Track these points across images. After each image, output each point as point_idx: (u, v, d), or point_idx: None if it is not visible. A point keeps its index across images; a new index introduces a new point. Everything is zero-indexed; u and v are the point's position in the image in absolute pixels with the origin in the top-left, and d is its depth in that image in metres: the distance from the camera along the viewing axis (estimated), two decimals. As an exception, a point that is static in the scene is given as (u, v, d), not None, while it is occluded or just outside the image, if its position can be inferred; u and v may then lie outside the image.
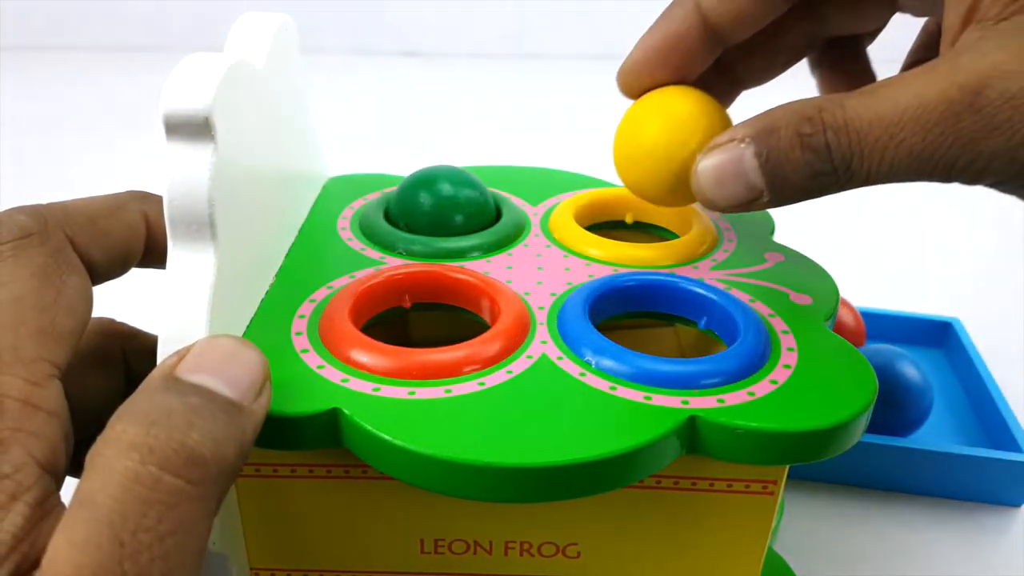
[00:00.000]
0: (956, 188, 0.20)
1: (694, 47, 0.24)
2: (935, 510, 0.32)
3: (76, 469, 0.18)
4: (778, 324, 0.22)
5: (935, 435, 0.35)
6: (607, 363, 0.20)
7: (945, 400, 0.37)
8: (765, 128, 0.20)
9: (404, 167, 0.29)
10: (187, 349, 0.17)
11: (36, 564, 0.15)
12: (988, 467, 0.31)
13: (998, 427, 0.33)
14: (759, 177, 0.20)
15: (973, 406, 0.36)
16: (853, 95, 0.20)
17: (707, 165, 0.21)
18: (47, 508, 0.16)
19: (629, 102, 0.25)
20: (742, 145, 0.21)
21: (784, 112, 0.20)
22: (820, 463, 0.32)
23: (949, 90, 0.18)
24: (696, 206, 0.28)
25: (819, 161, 0.20)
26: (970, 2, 0.20)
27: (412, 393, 0.19)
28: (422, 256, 0.25)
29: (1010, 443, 0.32)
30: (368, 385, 0.19)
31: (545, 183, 0.30)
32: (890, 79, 0.20)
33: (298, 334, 0.21)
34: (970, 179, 0.19)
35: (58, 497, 0.16)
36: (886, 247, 0.52)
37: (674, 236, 0.27)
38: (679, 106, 0.24)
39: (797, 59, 0.27)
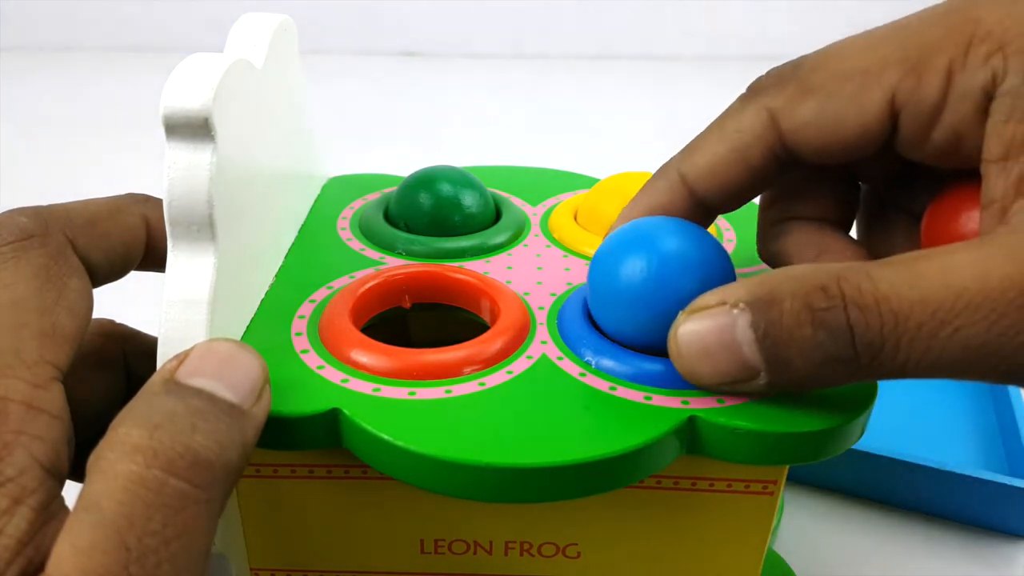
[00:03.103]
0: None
1: (681, 215, 0.21)
2: (939, 529, 0.31)
3: (76, 473, 0.18)
4: (778, 324, 0.22)
5: (957, 457, 0.34)
6: (607, 363, 0.20)
7: (977, 425, 0.36)
8: (765, 296, 0.17)
9: (404, 167, 0.29)
10: (186, 353, 0.17)
11: (41, 568, 0.15)
12: (994, 492, 0.31)
13: (1019, 455, 0.33)
14: (755, 354, 0.17)
15: (1002, 433, 0.35)
16: (880, 265, 0.16)
17: (690, 330, 0.18)
18: (51, 512, 0.16)
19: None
20: (735, 311, 0.17)
21: (789, 278, 0.17)
22: (826, 471, 0.33)
23: (1017, 275, 0.15)
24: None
25: (835, 344, 0.16)
26: (1019, 172, 0.17)
27: (412, 393, 0.19)
28: (422, 256, 0.25)
29: None
30: (368, 385, 0.19)
31: (545, 183, 0.30)
32: (918, 254, 0.16)
33: (298, 334, 0.21)
34: None
35: (62, 500, 0.16)
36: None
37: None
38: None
39: (765, 187, 0.22)
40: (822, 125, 0.19)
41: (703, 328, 0.17)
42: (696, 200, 0.21)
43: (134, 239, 0.21)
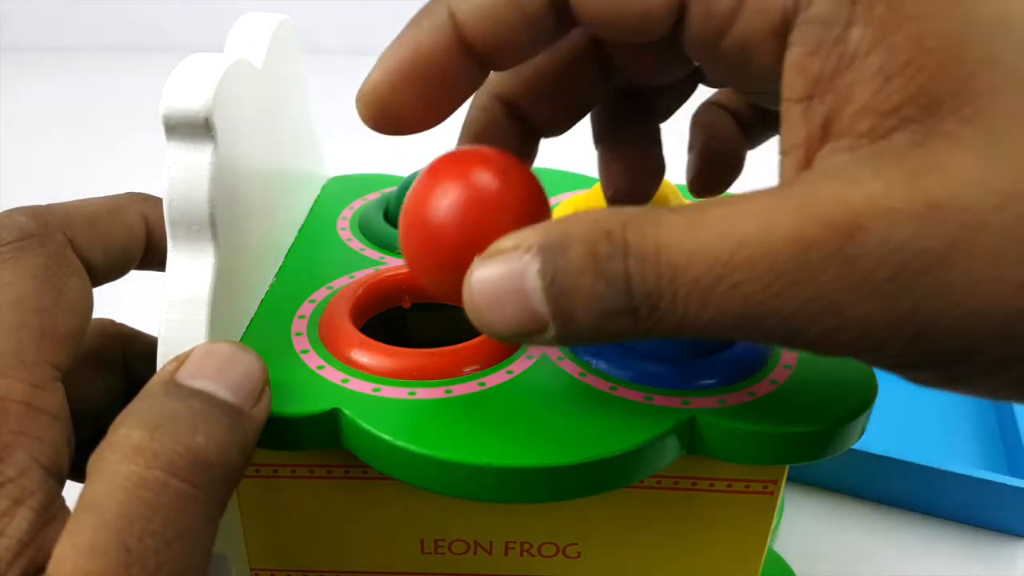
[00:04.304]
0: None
1: (450, 65, 0.17)
2: (939, 529, 0.31)
3: (76, 473, 0.18)
4: (778, 324, 0.22)
5: (957, 457, 0.34)
6: (607, 363, 0.20)
7: (977, 425, 0.36)
8: (557, 241, 0.15)
9: (404, 167, 0.29)
10: (186, 354, 0.17)
11: (42, 569, 0.15)
12: (995, 492, 0.31)
13: (1019, 455, 0.33)
14: (543, 304, 0.15)
15: (1002, 433, 0.35)
16: (671, 210, 0.15)
17: (482, 277, 0.16)
18: (52, 512, 0.16)
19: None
20: (526, 256, 0.15)
21: (581, 221, 0.15)
22: (826, 471, 0.32)
23: (808, 226, 0.13)
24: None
25: (614, 296, 0.14)
26: (826, 111, 0.14)
27: (412, 393, 0.19)
28: (422, 256, 0.25)
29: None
30: (368, 385, 0.19)
31: (545, 183, 0.30)
32: (719, 200, 0.15)
33: (298, 335, 0.21)
34: (828, 351, 0.14)
35: (62, 501, 0.16)
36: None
37: None
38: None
39: (593, 100, 0.21)
40: None
41: (494, 275, 0.16)
42: (465, 46, 0.17)
43: (134, 238, 0.21)
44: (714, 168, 0.22)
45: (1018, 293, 0.12)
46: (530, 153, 0.21)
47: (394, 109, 0.18)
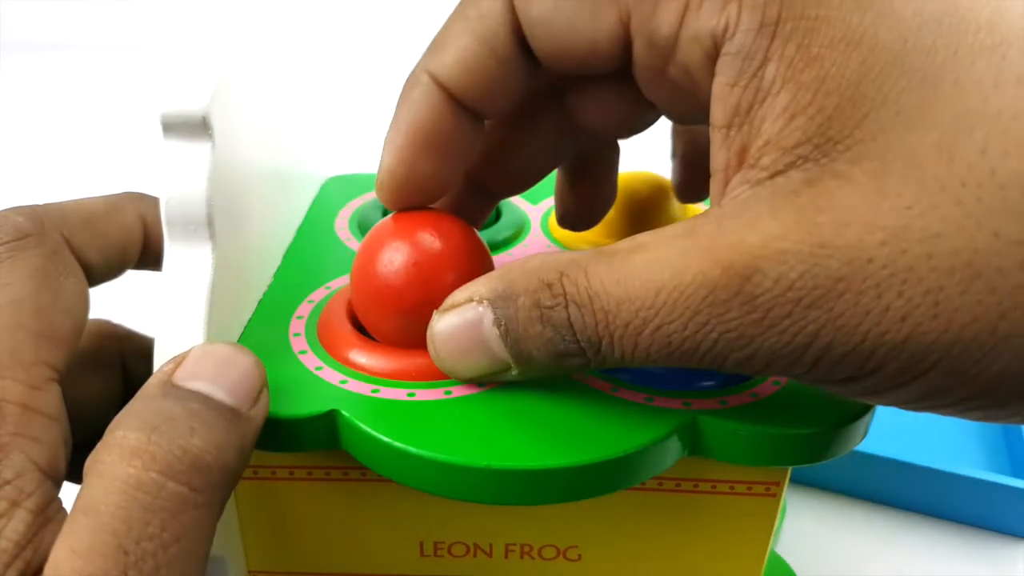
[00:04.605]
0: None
1: (449, 125, 0.18)
2: (941, 531, 0.31)
3: (73, 475, 0.17)
4: (780, 324, 0.22)
5: (960, 458, 0.34)
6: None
7: (979, 426, 0.36)
8: (503, 292, 0.17)
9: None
10: (183, 356, 0.17)
11: (39, 571, 0.15)
12: (998, 494, 0.31)
13: (1022, 456, 0.33)
14: (503, 349, 0.17)
15: (1004, 434, 0.35)
16: (600, 258, 0.16)
17: (443, 329, 0.17)
18: (49, 514, 0.16)
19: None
20: (480, 308, 0.17)
21: (523, 272, 0.17)
22: (828, 472, 0.32)
23: (711, 271, 0.15)
24: (700, 204, 0.28)
25: (562, 340, 0.16)
26: (742, 141, 0.15)
27: (411, 395, 0.19)
28: (422, 256, 0.25)
29: None
30: (367, 386, 0.19)
31: (545, 182, 0.30)
32: (644, 240, 0.16)
33: (296, 335, 0.21)
34: (753, 373, 0.15)
35: (59, 503, 0.16)
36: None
37: None
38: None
39: (552, 165, 0.22)
40: (555, 27, 0.17)
41: (453, 326, 0.17)
42: (458, 103, 0.18)
43: (131, 238, 0.21)
44: (697, 173, 0.23)
45: (904, 322, 0.14)
46: (485, 214, 0.22)
47: (414, 185, 0.19)
